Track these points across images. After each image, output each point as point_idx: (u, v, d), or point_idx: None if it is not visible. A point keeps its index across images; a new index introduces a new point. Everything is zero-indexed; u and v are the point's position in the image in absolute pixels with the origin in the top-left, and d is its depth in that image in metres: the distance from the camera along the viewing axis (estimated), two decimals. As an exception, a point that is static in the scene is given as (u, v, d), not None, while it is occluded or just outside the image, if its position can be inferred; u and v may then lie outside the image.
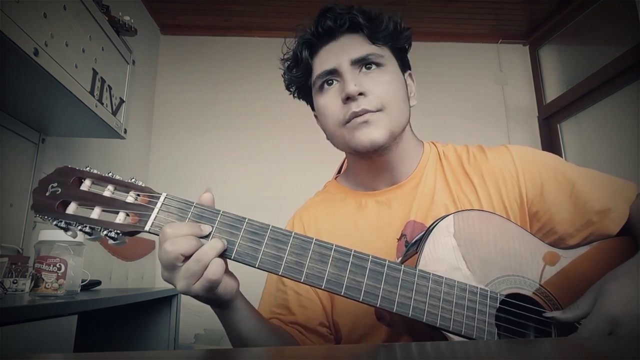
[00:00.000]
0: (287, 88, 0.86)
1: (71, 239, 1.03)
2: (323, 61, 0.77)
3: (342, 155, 1.18)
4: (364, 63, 0.74)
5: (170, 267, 0.54)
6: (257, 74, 2.92)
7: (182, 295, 1.69)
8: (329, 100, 0.75)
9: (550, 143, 2.89)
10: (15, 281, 1.17)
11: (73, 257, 1.03)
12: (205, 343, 2.25)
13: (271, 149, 2.83)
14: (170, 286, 0.56)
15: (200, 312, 2.35)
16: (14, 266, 1.21)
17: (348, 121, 0.73)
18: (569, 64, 2.90)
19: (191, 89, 2.92)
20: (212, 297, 0.56)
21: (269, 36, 2.97)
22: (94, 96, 1.49)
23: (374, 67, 0.74)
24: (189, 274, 0.53)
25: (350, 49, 0.75)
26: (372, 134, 0.72)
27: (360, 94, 0.72)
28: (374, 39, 0.75)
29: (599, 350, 0.41)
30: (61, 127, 1.67)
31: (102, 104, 1.56)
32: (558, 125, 2.87)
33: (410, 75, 0.83)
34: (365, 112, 0.71)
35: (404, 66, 0.81)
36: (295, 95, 0.86)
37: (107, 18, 1.63)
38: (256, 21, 2.91)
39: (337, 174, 1.06)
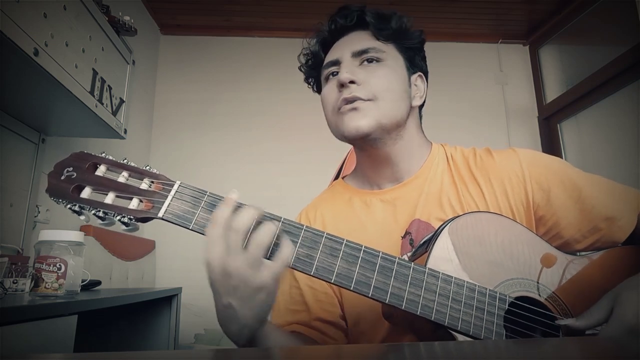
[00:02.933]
0: (306, 81, 0.91)
1: (71, 238, 1.03)
2: (331, 53, 0.82)
3: (342, 155, 1.18)
4: (364, 56, 0.77)
5: (236, 252, 0.53)
6: (257, 74, 2.93)
7: (182, 295, 1.69)
8: (329, 89, 0.78)
9: (550, 143, 2.89)
10: (15, 281, 1.17)
11: (73, 257, 1.03)
12: (205, 343, 2.25)
13: (271, 149, 2.84)
14: (171, 286, 0.56)
15: (201, 312, 2.35)
16: (14, 266, 1.22)
17: (340, 107, 0.75)
18: (569, 64, 2.90)
19: (191, 89, 2.92)
20: (268, 301, 0.56)
21: (269, 36, 2.97)
22: (94, 96, 1.49)
23: (373, 61, 0.77)
24: (254, 257, 0.53)
25: (354, 43, 0.79)
26: (358, 120, 0.73)
27: (352, 82, 0.74)
28: (378, 36, 0.79)
29: (601, 350, 0.41)
30: (61, 127, 1.67)
31: (102, 104, 1.56)
32: (558, 125, 2.87)
33: (420, 76, 0.85)
34: (355, 99, 0.73)
35: (413, 66, 0.83)
36: (314, 89, 0.90)
37: (107, 18, 1.63)
38: (256, 21, 2.91)
39: (337, 174, 1.06)
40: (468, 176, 0.77)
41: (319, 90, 0.88)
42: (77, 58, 1.38)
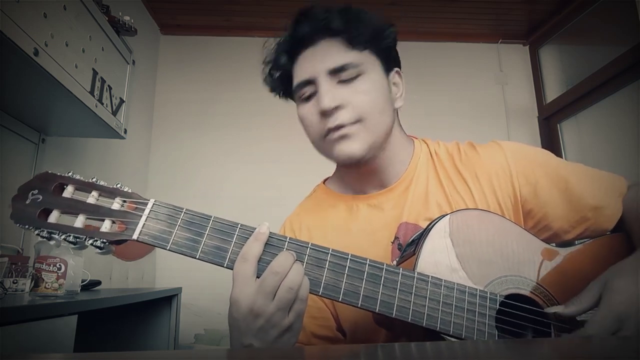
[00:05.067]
0: (272, 92, 0.83)
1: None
2: (301, 70, 0.73)
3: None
4: (342, 74, 0.70)
5: (269, 295, 0.52)
6: (257, 74, 2.90)
7: (182, 295, 1.69)
8: (308, 111, 0.73)
9: (550, 143, 2.89)
10: (15, 281, 1.17)
11: (73, 257, 1.03)
12: (205, 343, 2.25)
13: (271, 149, 2.83)
14: (171, 286, 0.55)
15: (200, 312, 2.35)
16: (14, 266, 1.21)
17: (326, 134, 0.71)
18: (569, 64, 2.90)
19: (191, 89, 2.92)
20: (291, 342, 0.54)
21: (270, 36, 2.97)
22: (94, 96, 1.49)
23: (352, 75, 0.70)
24: (283, 302, 0.52)
25: (328, 58, 0.71)
26: (349, 147, 0.70)
27: (336, 108, 0.69)
28: (352, 45, 0.71)
29: (599, 350, 0.41)
30: (61, 127, 1.67)
31: (102, 104, 1.56)
32: (558, 125, 2.87)
33: (398, 73, 0.78)
34: (341, 126, 0.69)
35: (389, 65, 0.77)
36: (281, 96, 0.83)
37: (107, 18, 1.63)
38: (256, 21, 2.91)
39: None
40: (454, 173, 0.76)
41: (287, 96, 0.82)
42: (77, 58, 1.38)
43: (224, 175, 2.78)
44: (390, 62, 0.77)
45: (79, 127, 1.67)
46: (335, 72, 0.70)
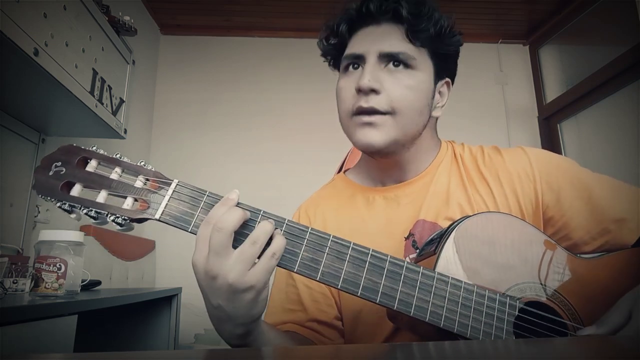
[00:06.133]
0: (323, 56, 0.81)
1: (71, 238, 1.03)
2: (355, 43, 0.73)
3: (343, 154, 1.18)
4: (392, 59, 0.70)
5: (220, 253, 0.50)
6: (257, 74, 2.93)
7: (183, 295, 1.69)
8: (346, 84, 0.72)
9: (550, 143, 2.89)
10: (15, 281, 1.17)
11: (73, 257, 1.03)
12: (205, 343, 2.25)
13: (272, 149, 2.84)
14: (171, 286, 0.55)
15: (201, 312, 2.35)
16: (14, 266, 1.21)
17: (355, 113, 0.70)
18: (569, 64, 2.90)
19: (191, 89, 2.92)
20: (259, 300, 0.53)
21: (269, 36, 2.97)
22: (94, 96, 1.50)
23: (401, 66, 0.70)
24: (244, 256, 0.50)
25: (384, 40, 0.70)
26: (372, 137, 0.68)
27: (373, 90, 0.68)
28: (412, 37, 0.70)
29: (604, 350, 0.41)
30: (61, 127, 1.67)
31: (102, 104, 1.56)
32: (558, 125, 2.87)
33: (447, 83, 0.78)
34: (373, 111, 0.68)
35: (441, 72, 0.76)
36: (330, 64, 0.82)
37: (107, 18, 1.63)
38: (256, 21, 2.91)
39: (338, 172, 1.05)
40: (477, 175, 0.76)
41: (336, 66, 0.81)
42: (77, 58, 1.38)
43: (224, 175, 2.78)
44: (443, 69, 0.76)
45: (79, 127, 1.67)
46: (386, 56, 0.70)
